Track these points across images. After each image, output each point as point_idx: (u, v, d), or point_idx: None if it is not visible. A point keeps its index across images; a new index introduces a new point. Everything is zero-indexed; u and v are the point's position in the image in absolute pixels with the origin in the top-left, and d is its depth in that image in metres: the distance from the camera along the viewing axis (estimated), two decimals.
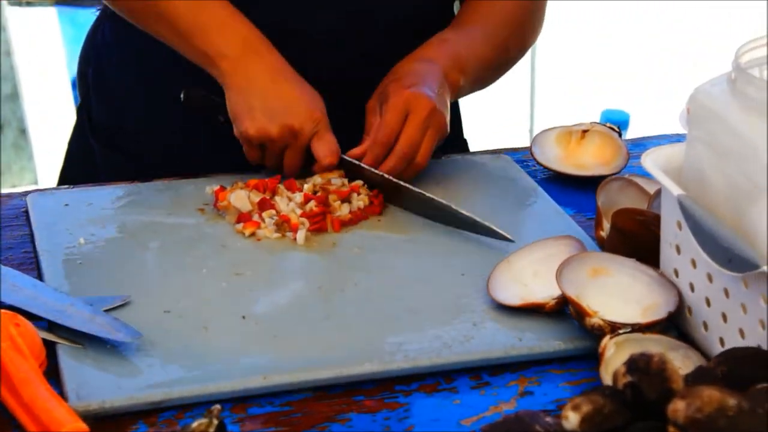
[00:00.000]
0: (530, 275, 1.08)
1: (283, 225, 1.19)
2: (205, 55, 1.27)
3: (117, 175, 1.35)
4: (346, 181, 1.26)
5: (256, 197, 1.21)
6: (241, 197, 1.21)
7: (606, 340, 0.97)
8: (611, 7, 5.74)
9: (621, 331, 0.98)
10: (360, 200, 1.23)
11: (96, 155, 1.46)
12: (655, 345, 0.96)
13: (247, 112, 1.25)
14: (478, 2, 1.39)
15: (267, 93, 1.25)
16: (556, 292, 1.03)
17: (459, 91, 1.34)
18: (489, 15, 1.38)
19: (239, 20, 1.28)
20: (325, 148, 1.26)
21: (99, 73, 1.47)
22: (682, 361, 0.97)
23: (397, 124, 1.25)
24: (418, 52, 1.33)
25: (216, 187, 1.25)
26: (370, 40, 1.36)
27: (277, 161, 1.28)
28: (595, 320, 0.99)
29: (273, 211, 1.20)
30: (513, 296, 1.06)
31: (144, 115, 1.43)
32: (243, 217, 1.19)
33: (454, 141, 1.56)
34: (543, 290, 1.05)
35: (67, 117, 2.28)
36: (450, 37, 1.35)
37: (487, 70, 1.38)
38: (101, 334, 0.99)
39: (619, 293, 1.03)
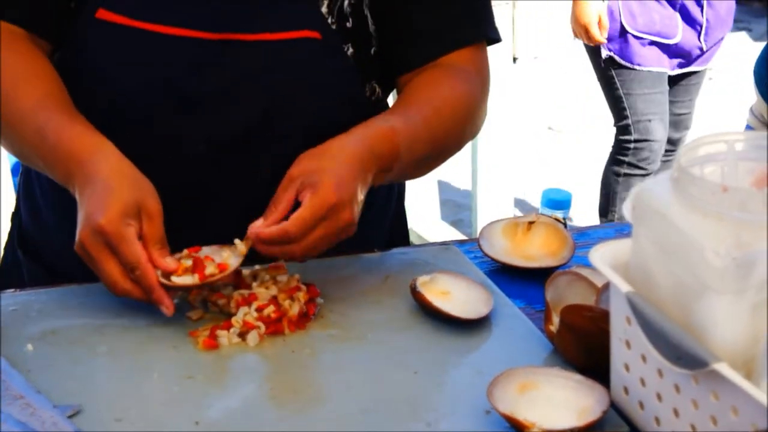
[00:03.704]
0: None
1: (245, 328, 1.19)
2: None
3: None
4: (293, 277, 1.25)
5: (215, 308, 1.22)
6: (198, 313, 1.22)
7: None
8: (555, 90, 5.85)
9: None
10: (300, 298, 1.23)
11: (22, 266, 1.45)
12: None
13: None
14: (417, 90, 1.37)
15: (83, 199, 1.18)
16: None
17: (380, 179, 1.28)
18: (428, 102, 1.35)
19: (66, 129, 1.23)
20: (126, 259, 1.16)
21: (26, 175, 1.47)
22: None
23: (311, 221, 1.18)
24: (348, 135, 1.26)
25: None
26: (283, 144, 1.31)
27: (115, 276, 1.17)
28: (534, 431, 1.00)
29: (237, 325, 1.19)
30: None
31: (60, 221, 1.38)
32: (206, 343, 1.18)
33: (399, 232, 1.57)
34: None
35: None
36: (393, 124, 1.29)
37: (422, 159, 1.33)
38: None
39: (550, 403, 1.04)
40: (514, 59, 3.74)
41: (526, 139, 5.02)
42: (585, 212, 3.73)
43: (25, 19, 1.31)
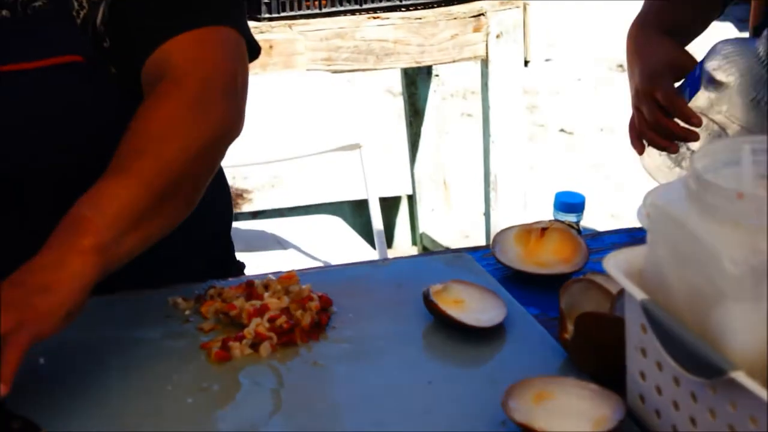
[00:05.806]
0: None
1: (257, 339, 1.18)
2: None
3: None
4: (305, 287, 1.25)
5: (227, 319, 1.22)
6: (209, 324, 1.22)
7: None
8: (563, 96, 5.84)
9: None
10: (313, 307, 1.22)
11: None
12: None
13: None
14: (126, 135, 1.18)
15: None
16: None
17: (106, 253, 1.07)
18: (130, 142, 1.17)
19: None
20: None
21: None
22: None
23: None
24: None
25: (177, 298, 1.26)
26: None
27: None
28: None
29: (250, 336, 1.18)
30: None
31: None
32: (218, 354, 1.17)
33: (226, 264, 1.55)
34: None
35: None
36: (80, 200, 1.10)
37: (146, 211, 1.12)
38: None
39: (567, 413, 1.03)
40: (526, 62, 3.73)
41: (538, 142, 5.01)
42: (597, 215, 3.72)
43: None
